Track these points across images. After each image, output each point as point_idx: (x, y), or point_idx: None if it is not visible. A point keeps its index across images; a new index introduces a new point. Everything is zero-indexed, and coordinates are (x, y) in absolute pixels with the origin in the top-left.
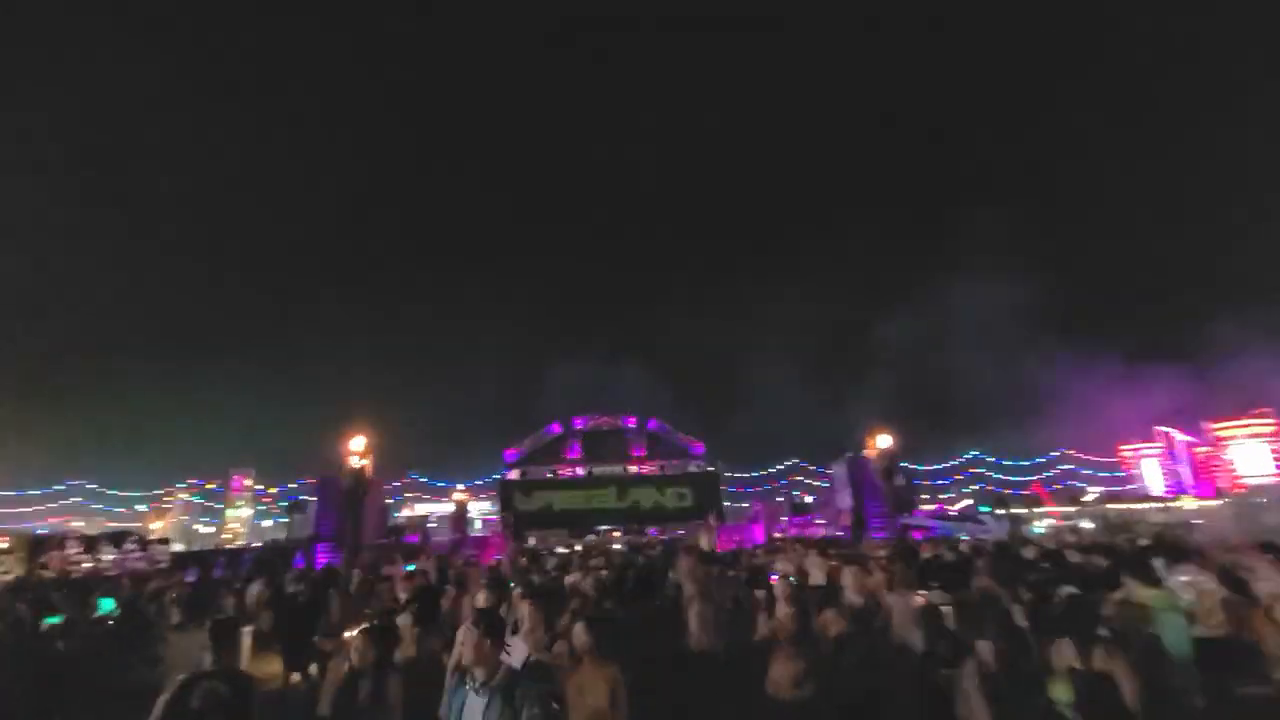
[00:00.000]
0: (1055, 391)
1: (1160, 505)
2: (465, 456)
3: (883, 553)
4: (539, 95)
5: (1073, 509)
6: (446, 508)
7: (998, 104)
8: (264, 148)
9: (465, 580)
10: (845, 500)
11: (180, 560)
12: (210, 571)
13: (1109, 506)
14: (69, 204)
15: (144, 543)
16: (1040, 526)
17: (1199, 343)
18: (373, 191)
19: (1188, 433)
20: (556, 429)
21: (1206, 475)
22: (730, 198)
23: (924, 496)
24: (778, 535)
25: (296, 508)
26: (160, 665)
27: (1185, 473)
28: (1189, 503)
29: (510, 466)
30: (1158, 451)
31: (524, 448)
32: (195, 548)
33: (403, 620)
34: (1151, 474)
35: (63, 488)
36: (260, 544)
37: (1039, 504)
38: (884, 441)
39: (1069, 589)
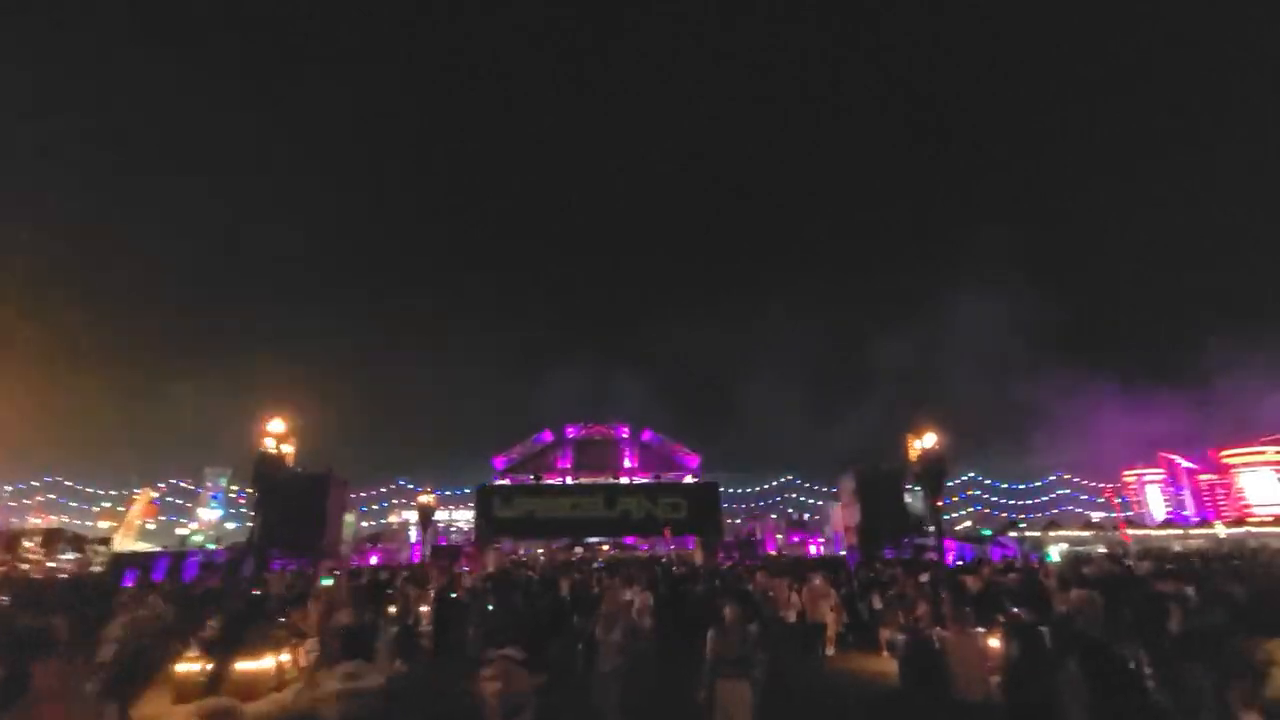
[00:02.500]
0: (1054, 414)
1: (1181, 533)
2: (457, 464)
3: (924, 579)
4: (539, 108)
5: (1087, 534)
6: (437, 515)
7: (1001, 124)
8: (251, 151)
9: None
10: (852, 516)
11: (118, 562)
12: (148, 575)
13: (1130, 532)
14: (55, 206)
15: (80, 542)
16: (1055, 551)
17: (1201, 367)
18: (365, 196)
19: (1190, 459)
20: (548, 437)
21: (1211, 503)
22: (730, 211)
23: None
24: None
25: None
26: None
27: (1187, 500)
28: (1220, 530)
29: (500, 474)
30: (1160, 478)
31: (514, 455)
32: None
33: None
34: (1154, 501)
35: (36, 484)
36: (218, 546)
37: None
38: (929, 441)
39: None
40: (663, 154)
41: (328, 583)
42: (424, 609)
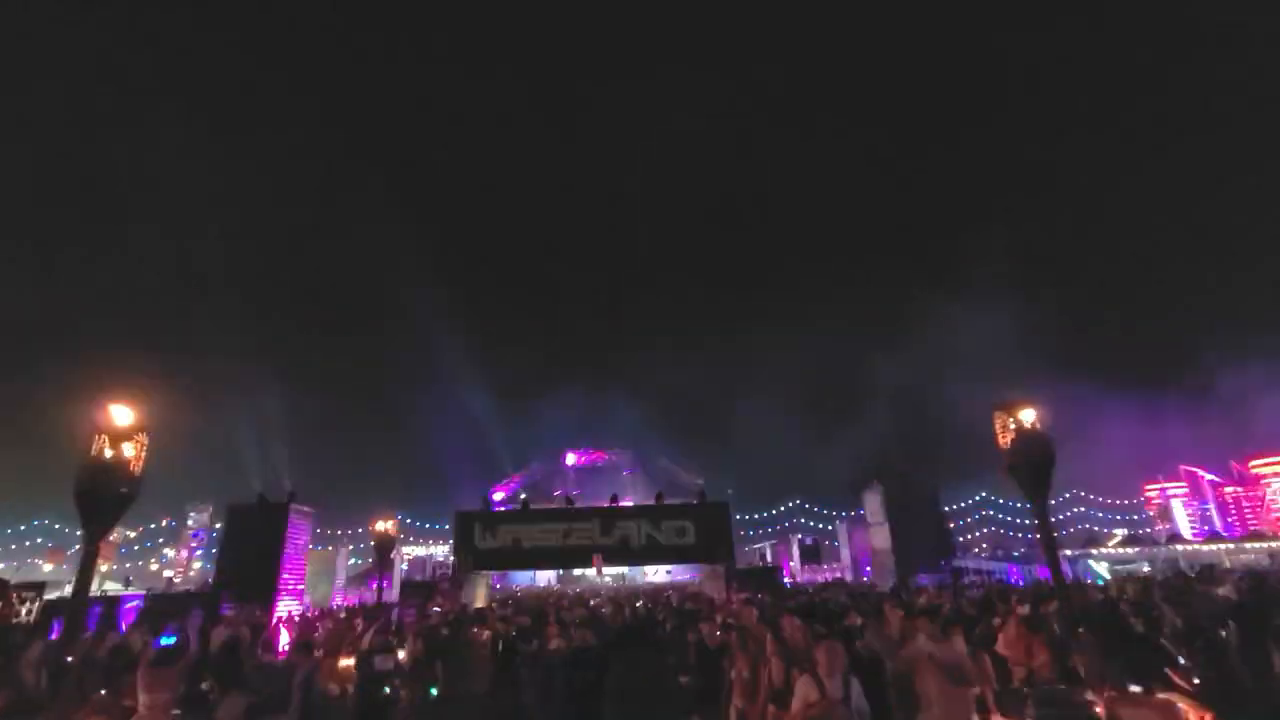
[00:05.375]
0: (1066, 429)
1: (1232, 547)
2: (458, 495)
3: (1024, 609)
4: (544, 129)
5: (1132, 550)
6: (434, 550)
7: (998, 122)
8: (245, 180)
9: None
10: (880, 538)
11: (46, 611)
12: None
13: (1178, 548)
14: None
15: (3, 589)
16: (1101, 568)
17: (1218, 378)
18: (356, 216)
19: (1213, 471)
20: (548, 464)
21: (1237, 516)
22: (723, 231)
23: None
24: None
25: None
26: None
27: (1213, 514)
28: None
29: (499, 504)
30: (1183, 492)
31: (513, 484)
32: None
33: None
34: (1179, 516)
35: (24, 528)
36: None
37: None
38: (1027, 418)
39: None
40: (657, 174)
41: (170, 641)
42: (330, 688)
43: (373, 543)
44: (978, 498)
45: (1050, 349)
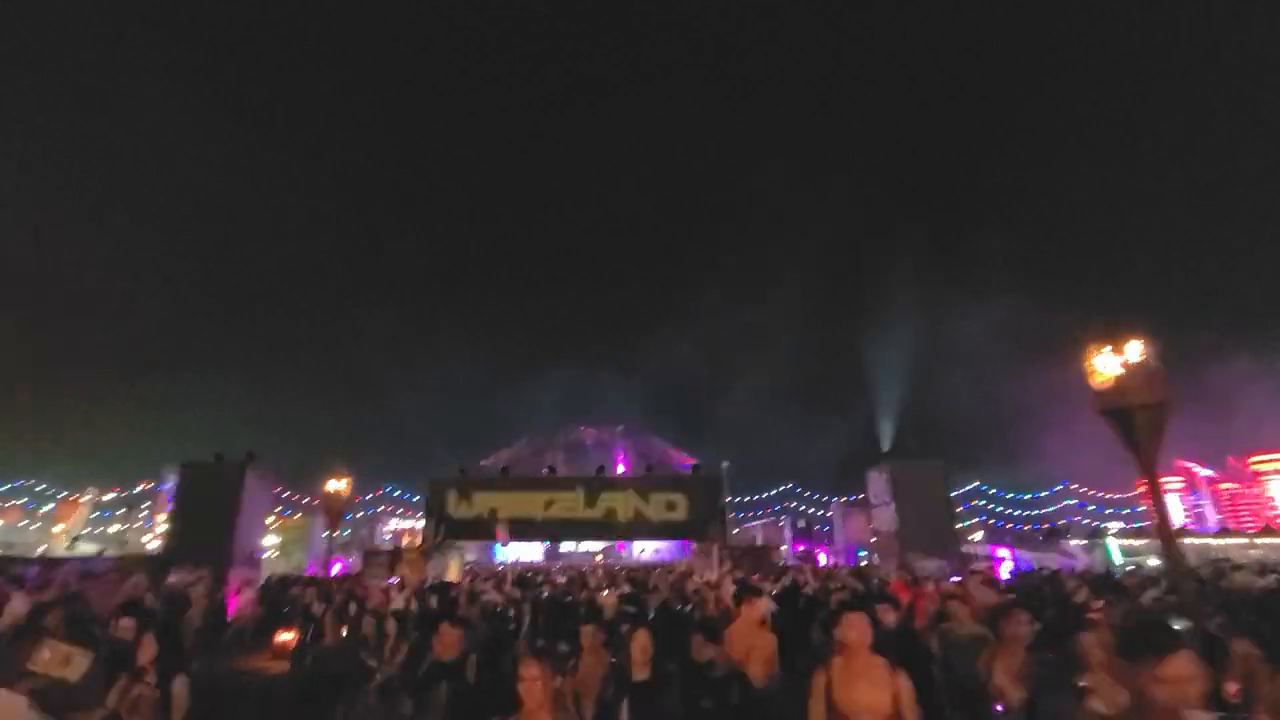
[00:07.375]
0: (1059, 421)
1: (1245, 541)
2: (443, 468)
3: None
4: (523, 115)
5: (1140, 543)
6: (420, 524)
7: (998, 119)
8: (231, 155)
9: None
10: (885, 519)
11: None
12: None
13: (1188, 541)
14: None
15: None
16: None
17: (1215, 373)
18: (351, 195)
19: (1208, 466)
20: (537, 439)
21: (1232, 512)
22: (718, 217)
23: None
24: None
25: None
26: None
27: (1207, 509)
28: None
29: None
30: (1179, 487)
31: (500, 458)
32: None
33: None
34: (1174, 510)
35: (9, 487)
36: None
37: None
38: (1134, 354)
39: None
40: (650, 155)
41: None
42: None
43: (321, 504)
44: (969, 487)
45: (1046, 338)
